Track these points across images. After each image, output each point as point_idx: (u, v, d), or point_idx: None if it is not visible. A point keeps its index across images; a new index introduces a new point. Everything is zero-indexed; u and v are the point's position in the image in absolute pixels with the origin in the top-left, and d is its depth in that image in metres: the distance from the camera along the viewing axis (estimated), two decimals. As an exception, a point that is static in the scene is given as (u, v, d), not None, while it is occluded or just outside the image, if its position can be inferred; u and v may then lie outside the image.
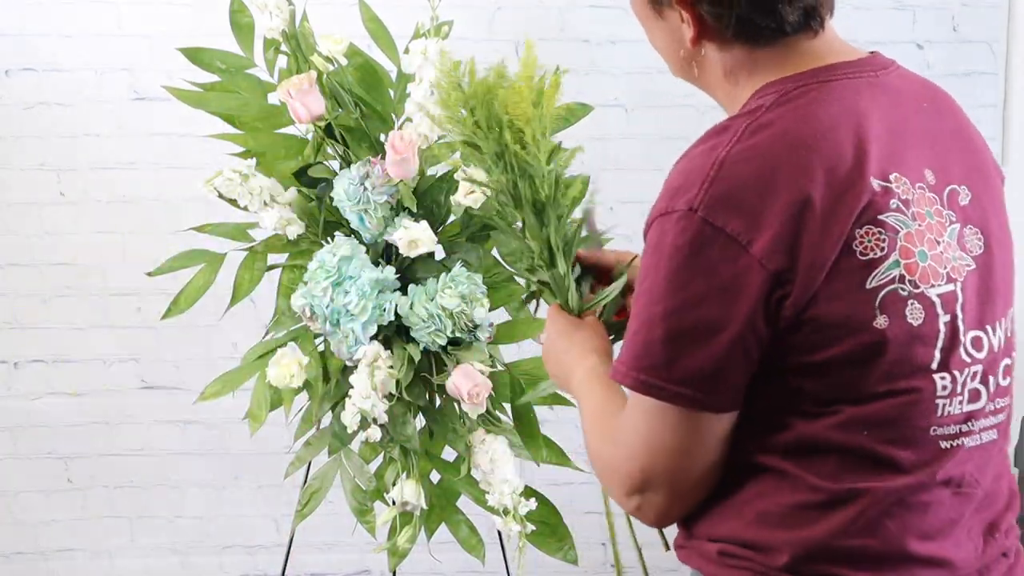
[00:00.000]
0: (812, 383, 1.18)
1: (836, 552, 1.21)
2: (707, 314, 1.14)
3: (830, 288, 1.15)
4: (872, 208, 1.16)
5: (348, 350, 2.07)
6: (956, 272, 1.21)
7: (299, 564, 3.21)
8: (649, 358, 1.17)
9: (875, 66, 1.27)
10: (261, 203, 2.10)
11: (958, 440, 1.22)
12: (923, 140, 1.24)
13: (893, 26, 3.07)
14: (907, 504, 1.21)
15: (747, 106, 1.23)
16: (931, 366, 1.19)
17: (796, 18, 1.22)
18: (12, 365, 3.12)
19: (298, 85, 2.06)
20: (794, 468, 1.21)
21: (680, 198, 1.16)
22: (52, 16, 2.96)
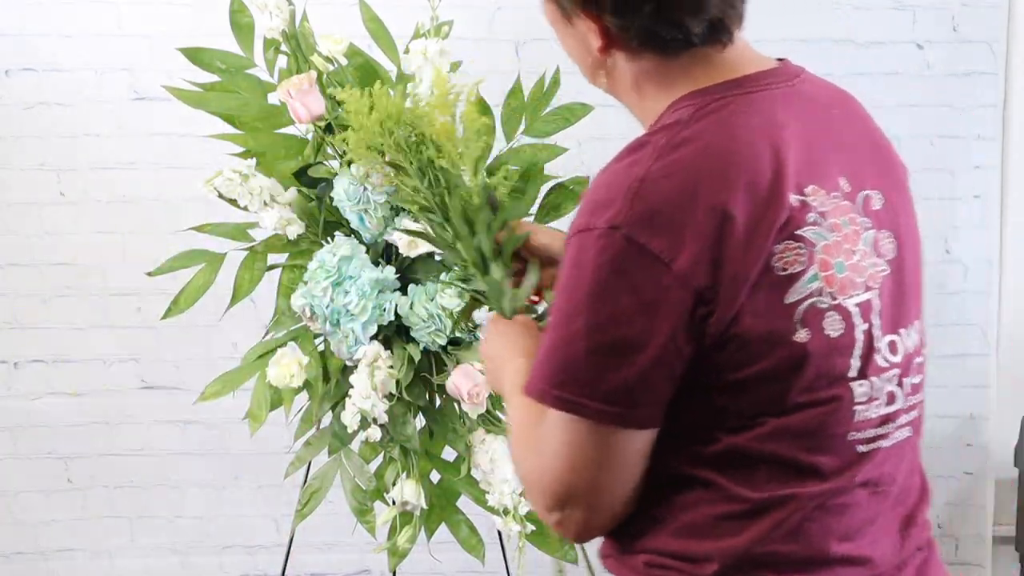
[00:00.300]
0: (737, 398, 1.19)
1: (761, 559, 1.22)
2: (630, 331, 1.14)
3: (752, 304, 1.15)
4: (791, 224, 1.16)
5: (348, 350, 2.07)
6: (873, 280, 1.23)
7: (299, 564, 3.21)
8: (568, 374, 1.16)
9: (788, 75, 1.27)
10: (261, 203, 2.10)
11: (875, 443, 1.24)
12: (837, 147, 1.25)
13: (893, 26, 3.07)
14: (827, 508, 1.22)
15: (663, 120, 1.22)
16: (849, 375, 1.21)
17: (702, 30, 1.22)
18: (12, 365, 3.11)
19: (298, 85, 2.06)
20: (720, 479, 1.21)
21: (602, 215, 1.15)
22: (52, 16, 2.95)
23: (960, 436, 3.26)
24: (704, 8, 1.21)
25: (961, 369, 3.22)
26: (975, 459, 3.26)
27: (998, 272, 3.19)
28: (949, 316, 3.20)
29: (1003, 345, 3.23)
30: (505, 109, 2.23)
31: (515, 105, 2.23)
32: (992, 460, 3.25)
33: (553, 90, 2.23)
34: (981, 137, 3.11)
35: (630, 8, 1.20)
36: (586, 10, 1.24)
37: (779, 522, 1.21)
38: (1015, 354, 3.23)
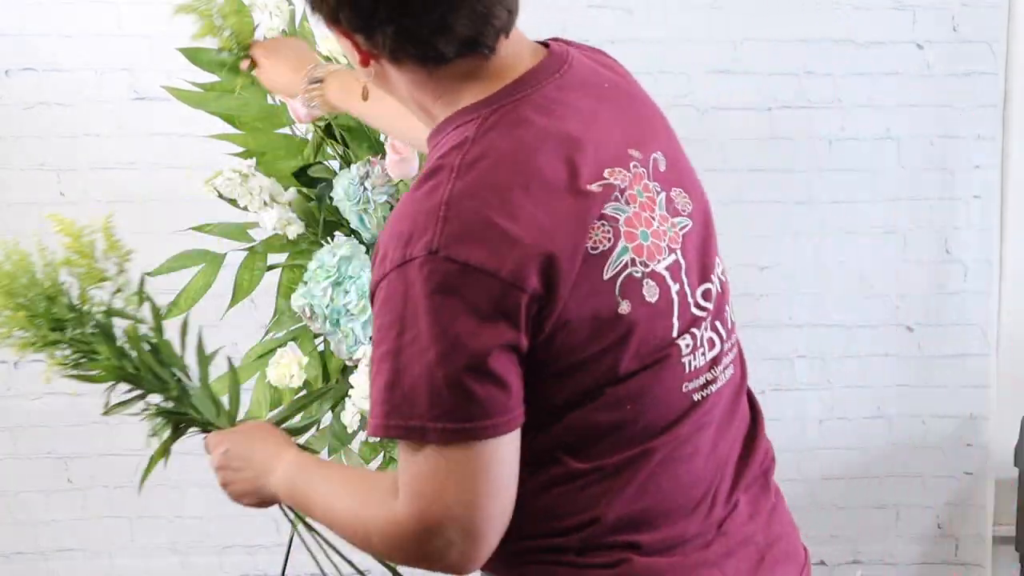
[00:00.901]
0: (573, 378, 1.22)
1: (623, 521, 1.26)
2: (479, 345, 1.15)
3: (577, 291, 1.18)
4: (595, 209, 1.20)
5: (348, 350, 2.07)
6: (674, 241, 1.27)
7: (299, 564, 3.21)
8: (441, 406, 1.16)
9: (557, 65, 1.27)
10: (261, 203, 2.10)
11: (708, 388, 1.30)
12: (618, 122, 1.27)
13: (893, 26, 3.07)
14: (675, 458, 1.27)
15: (448, 139, 1.23)
16: (673, 335, 1.26)
17: (454, 48, 1.22)
18: (12, 365, 3.11)
19: (298, 85, 2.06)
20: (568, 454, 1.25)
21: (415, 244, 1.15)
22: (52, 16, 2.95)
23: (960, 436, 3.26)
24: (451, 30, 1.20)
25: (961, 369, 3.22)
26: (975, 459, 3.26)
27: (998, 272, 3.19)
28: (949, 316, 3.20)
29: (1003, 345, 3.23)
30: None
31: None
32: (992, 460, 3.26)
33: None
34: (981, 137, 3.11)
35: (372, 29, 1.22)
36: (334, 26, 1.26)
37: (630, 481, 1.25)
38: (1015, 354, 3.23)
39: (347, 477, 1.36)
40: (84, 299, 1.50)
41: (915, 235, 3.17)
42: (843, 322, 3.18)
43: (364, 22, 1.22)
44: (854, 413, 3.23)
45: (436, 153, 1.24)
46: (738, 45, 3.02)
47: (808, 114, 3.10)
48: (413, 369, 1.16)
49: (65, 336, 1.50)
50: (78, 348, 1.53)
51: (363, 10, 1.21)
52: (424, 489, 1.19)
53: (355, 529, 1.29)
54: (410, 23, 1.20)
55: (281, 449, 1.45)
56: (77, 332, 1.50)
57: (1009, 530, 3.25)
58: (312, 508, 1.37)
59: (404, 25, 1.20)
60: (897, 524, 3.30)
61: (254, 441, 1.49)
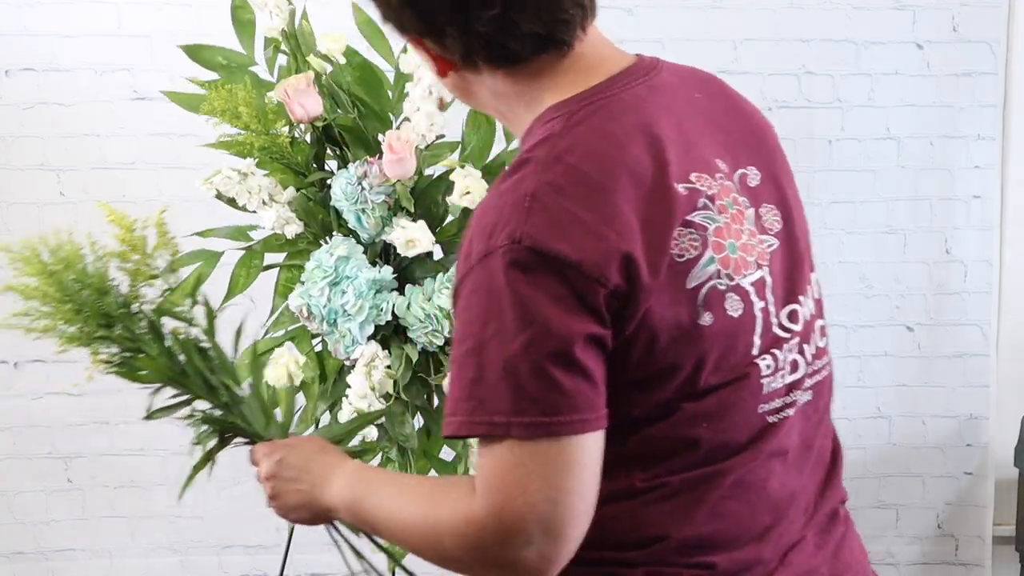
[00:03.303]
0: (654, 389, 1.19)
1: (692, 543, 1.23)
2: (564, 333, 1.12)
3: (659, 296, 1.16)
4: (682, 212, 1.18)
5: (345, 350, 2.07)
6: (762, 257, 1.25)
7: (299, 564, 3.21)
8: (526, 398, 1.13)
9: (646, 69, 1.27)
10: (260, 202, 2.10)
11: (783, 412, 1.26)
12: (707, 132, 1.26)
13: (893, 26, 3.07)
14: (745, 484, 1.24)
15: (535, 134, 1.22)
16: (753, 352, 1.23)
17: (528, 46, 1.21)
18: (12, 365, 3.12)
19: (295, 85, 2.06)
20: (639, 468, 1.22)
21: (499, 235, 1.14)
22: (52, 16, 2.96)
23: (960, 436, 3.26)
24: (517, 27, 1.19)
25: (961, 369, 3.22)
26: (975, 459, 3.26)
27: (998, 272, 3.19)
28: (949, 316, 3.20)
29: (1003, 345, 3.23)
30: (505, 109, 2.23)
31: (515, 105, 2.23)
32: (992, 460, 3.26)
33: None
34: (981, 137, 3.11)
35: (437, 32, 1.21)
36: (407, 36, 1.25)
37: (699, 501, 1.22)
38: (1015, 354, 3.23)
39: (416, 480, 1.32)
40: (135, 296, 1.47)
41: (915, 235, 3.17)
42: (843, 322, 3.18)
43: (428, 23, 1.21)
44: (854, 413, 3.23)
45: (523, 147, 1.23)
46: (738, 45, 3.03)
47: (808, 114, 3.10)
48: (497, 363, 1.13)
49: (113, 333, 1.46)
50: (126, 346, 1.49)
51: (423, 10, 1.20)
52: (505, 483, 1.14)
53: (425, 534, 1.23)
54: (471, 22, 1.18)
55: (340, 460, 1.39)
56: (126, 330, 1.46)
57: (1009, 530, 3.25)
58: (375, 519, 1.30)
59: (466, 25, 1.19)
60: (897, 524, 3.30)
61: (311, 452, 1.42)
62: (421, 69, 2.08)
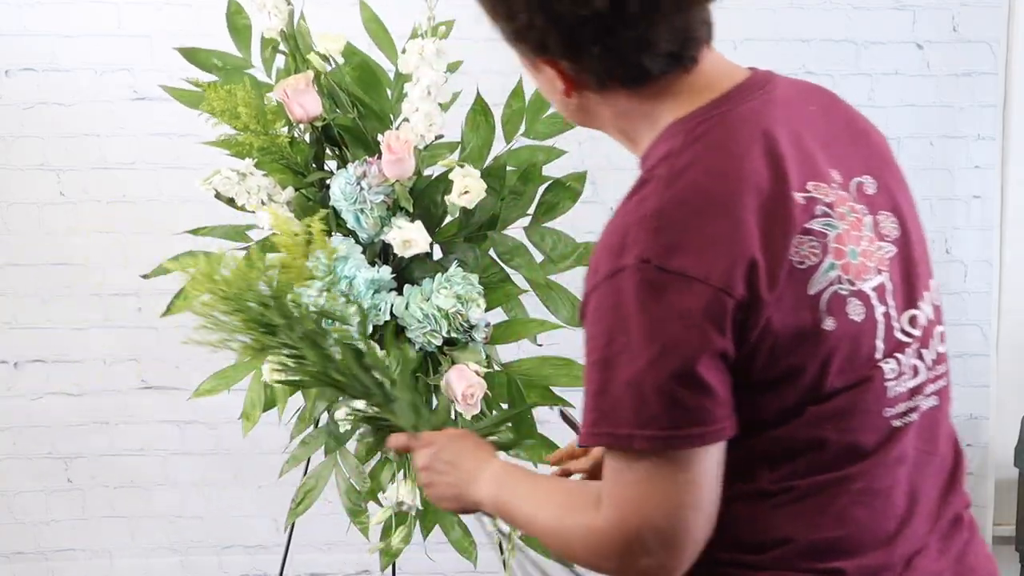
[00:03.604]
0: (779, 393, 1.21)
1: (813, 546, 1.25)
2: (688, 352, 1.16)
3: (781, 303, 1.18)
4: (800, 220, 1.20)
5: (344, 350, 2.07)
6: (882, 263, 1.27)
7: (299, 564, 3.21)
8: (649, 413, 1.17)
9: (761, 83, 1.29)
10: (259, 202, 2.10)
11: (908, 417, 1.28)
12: (822, 143, 1.28)
13: (893, 26, 3.07)
14: (871, 491, 1.26)
15: (656, 151, 1.25)
16: (876, 356, 1.25)
17: (659, 64, 1.23)
18: (12, 365, 3.12)
19: (294, 85, 2.06)
20: (765, 470, 1.24)
21: (627, 254, 1.17)
22: (52, 16, 2.96)
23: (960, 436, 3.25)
24: (654, 45, 1.22)
25: (961, 369, 3.21)
26: (975, 459, 3.26)
27: (998, 272, 3.19)
28: (949, 316, 3.16)
29: (1003, 345, 3.23)
30: (506, 110, 2.23)
31: (516, 107, 2.23)
32: (992, 460, 3.25)
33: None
34: (981, 137, 3.11)
35: (579, 51, 1.23)
36: (541, 57, 1.26)
37: (826, 507, 1.24)
38: (1015, 354, 3.23)
39: (552, 487, 1.36)
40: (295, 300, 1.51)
41: (915, 235, 3.17)
42: (843, 322, 3.18)
43: (571, 45, 1.23)
44: (854, 413, 3.23)
45: (645, 167, 1.25)
46: (738, 45, 3.02)
47: (808, 114, 3.10)
48: (622, 377, 1.17)
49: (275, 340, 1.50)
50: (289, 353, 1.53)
51: (570, 32, 1.22)
52: (626, 498, 1.20)
53: (558, 537, 1.30)
54: (614, 42, 1.21)
55: (487, 458, 1.45)
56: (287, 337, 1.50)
57: (1009, 530, 3.25)
58: (516, 517, 1.37)
59: (609, 44, 1.21)
60: (897, 524, 3.30)
61: (463, 448, 1.48)
62: (420, 69, 2.08)
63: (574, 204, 2.25)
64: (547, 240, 2.24)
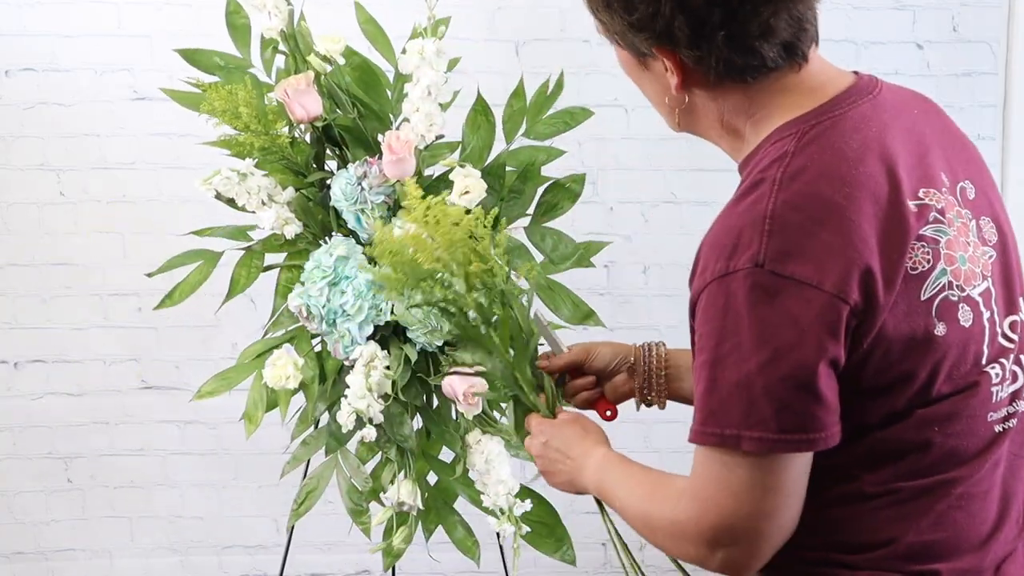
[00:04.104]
0: (888, 397, 1.22)
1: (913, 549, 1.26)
2: (798, 358, 1.16)
3: (894, 309, 1.19)
4: (915, 227, 1.21)
5: (345, 350, 2.07)
6: (987, 269, 1.28)
7: (299, 564, 3.21)
8: (757, 415, 1.18)
9: (868, 88, 1.29)
10: (259, 202, 2.09)
11: (1009, 422, 1.29)
12: (929, 147, 1.28)
13: (893, 26, 3.07)
14: (971, 495, 1.27)
15: (766, 154, 1.24)
16: (983, 361, 1.26)
17: (776, 54, 1.24)
18: (12, 365, 3.12)
19: (295, 85, 2.06)
20: (867, 472, 1.25)
21: (739, 256, 1.17)
22: (52, 16, 2.96)
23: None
24: (774, 32, 1.22)
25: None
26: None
27: (998, 272, 3.19)
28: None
29: (1003, 345, 3.23)
30: (507, 110, 2.23)
31: (517, 107, 2.23)
32: None
33: (556, 94, 2.23)
34: (981, 137, 3.11)
35: (704, 38, 1.22)
36: (660, 47, 1.25)
37: (928, 510, 1.25)
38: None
39: (643, 479, 1.38)
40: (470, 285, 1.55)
41: (915, 235, 3.17)
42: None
43: (699, 31, 1.22)
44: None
45: (756, 168, 1.25)
46: (738, 45, 3.03)
47: (808, 114, 3.10)
48: (731, 378, 1.18)
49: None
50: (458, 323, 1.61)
51: (698, 17, 1.22)
52: (709, 495, 1.23)
53: (645, 525, 1.34)
54: (739, 28, 1.21)
55: (593, 447, 1.49)
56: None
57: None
58: (614, 504, 1.43)
59: (733, 31, 1.21)
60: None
61: (572, 438, 1.53)
62: (420, 70, 2.08)
63: (573, 205, 2.25)
64: (547, 240, 2.24)
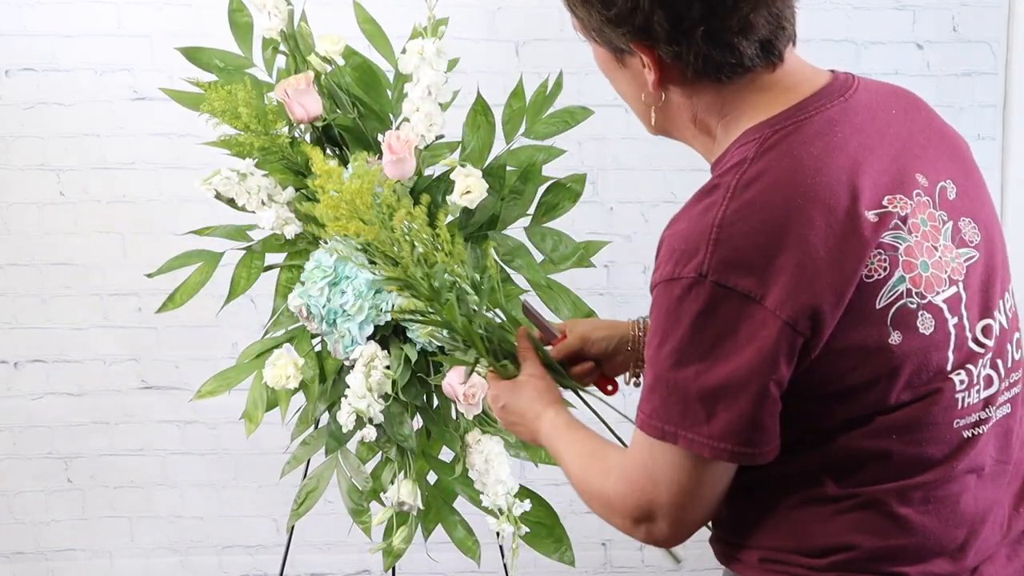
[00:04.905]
0: (840, 405, 1.22)
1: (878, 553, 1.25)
2: (735, 370, 1.17)
3: (845, 319, 1.17)
4: (874, 237, 1.19)
5: (345, 350, 2.07)
6: (957, 273, 1.25)
7: (299, 564, 3.21)
8: (692, 417, 1.19)
9: (841, 89, 1.27)
10: (259, 202, 2.09)
11: (980, 427, 1.27)
12: (905, 148, 1.26)
13: (893, 26, 3.07)
14: (938, 499, 1.26)
15: (730, 159, 1.24)
16: (947, 368, 1.24)
17: (753, 52, 1.23)
18: (12, 365, 3.12)
19: (295, 85, 2.06)
20: (830, 477, 1.25)
21: (686, 263, 1.17)
22: (52, 16, 2.96)
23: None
24: (753, 29, 1.22)
25: (961, 369, 3.21)
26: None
27: (998, 272, 3.19)
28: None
29: (1003, 345, 3.23)
30: (507, 110, 2.23)
31: (517, 107, 2.23)
32: None
33: (556, 93, 2.23)
34: (981, 137, 3.10)
35: (683, 33, 1.22)
36: (638, 42, 1.25)
37: (891, 515, 1.25)
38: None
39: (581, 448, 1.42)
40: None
41: (915, 235, 3.17)
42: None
43: (676, 24, 1.22)
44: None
45: (717, 171, 1.25)
46: (738, 45, 3.03)
47: (808, 114, 3.10)
48: (670, 379, 1.20)
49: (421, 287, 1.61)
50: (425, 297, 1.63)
51: (677, 11, 1.21)
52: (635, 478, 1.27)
53: (582, 491, 1.38)
54: (718, 24, 1.21)
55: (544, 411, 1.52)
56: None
57: (1009, 530, 3.24)
58: (560, 463, 1.46)
59: (713, 26, 1.21)
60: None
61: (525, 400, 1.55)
62: (420, 69, 2.08)
63: (574, 205, 2.25)
64: (547, 240, 2.24)
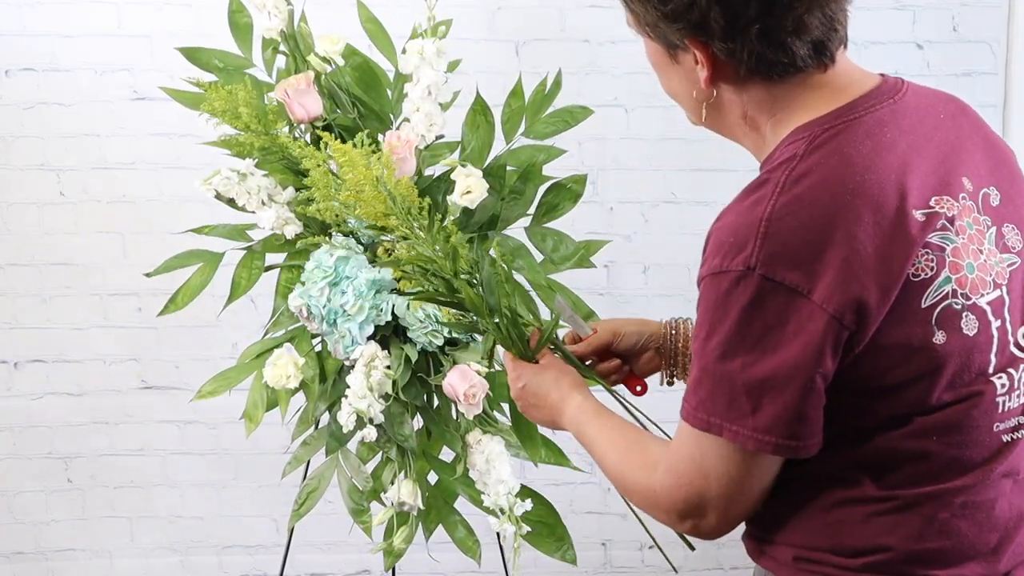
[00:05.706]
0: (882, 403, 1.22)
1: (912, 556, 1.26)
2: (782, 363, 1.17)
3: (891, 316, 1.18)
4: (921, 236, 1.20)
5: (345, 350, 2.07)
6: (1001, 276, 1.26)
7: (299, 564, 3.21)
8: (737, 410, 1.20)
9: (891, 91, 1.28)
10: (259, 202, 2.09)
11: (1018, 432, 1.28)
12: (952, 152, 1.27)
13: (893, 26, 3.07)
14: (975, 504, 1.26)
15: (779, 155, 1.24)
16: (989, 371, 1.25)
17: (806, 52, 1.24)
18: (12, 365, 3.12)
19: (295, 85, 2.06)
20: (867, 477, 1.26)
21: (734, 257, 1.18)
22: (52, 16, 2.96)
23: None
24: (807, 29, 1.22)
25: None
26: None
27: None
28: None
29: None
30: (506, 110, 2.23)
31: (516, 106, 2.22)
32: None
33: (555, 92, 2.23)
34: (981, 137, 3.11)
35: (738, 31, 1.22)
36: (694, 38, 1.25)
37: (928, 518, 1.25)
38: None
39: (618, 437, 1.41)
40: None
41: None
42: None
43: (732, 21, 1.22)
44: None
45: (766, 167, 1.26)
46: (738, 45, 3.03)
47: (808, 114, 3.10)
48: (717, 371, 1.20)
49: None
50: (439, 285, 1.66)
51: (734, 8, 1.22)
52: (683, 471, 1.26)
53: (620, 483, 1.38)
54: (773, 22, 1.21)
55: (569, 394, 1.52)
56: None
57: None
58: (591, 454, 1.46)
59: (768, 24, 1.21)
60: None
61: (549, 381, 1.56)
62: (420, 70, 2.08)
63: (574, 205, 2.25)
64: (548, 241, 2.24)
